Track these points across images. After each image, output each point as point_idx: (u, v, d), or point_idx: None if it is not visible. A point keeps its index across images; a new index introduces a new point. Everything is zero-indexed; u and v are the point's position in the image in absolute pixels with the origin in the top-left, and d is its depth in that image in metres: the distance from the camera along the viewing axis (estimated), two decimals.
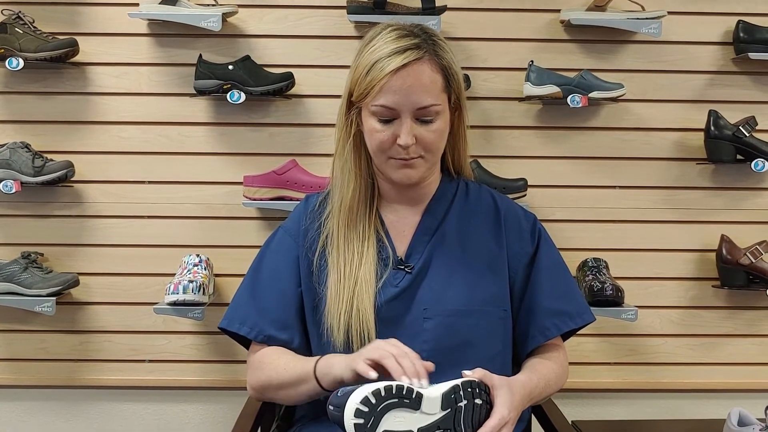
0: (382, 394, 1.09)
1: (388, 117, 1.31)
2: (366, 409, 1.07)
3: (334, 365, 1.24)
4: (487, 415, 1.17)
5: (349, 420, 1.07)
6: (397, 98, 1.29)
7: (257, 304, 1.41)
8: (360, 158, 1.38)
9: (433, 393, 1.13)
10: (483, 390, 1.18)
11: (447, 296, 1.36)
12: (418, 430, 1.11)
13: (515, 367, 1.44)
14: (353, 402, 1.07)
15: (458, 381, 1.16)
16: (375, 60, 1.29)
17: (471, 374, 1.19)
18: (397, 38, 1.31)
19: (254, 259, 1.48)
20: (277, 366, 1.35)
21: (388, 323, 1.34)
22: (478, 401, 1.16)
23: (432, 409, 1.12)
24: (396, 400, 1.09)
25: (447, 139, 1.38)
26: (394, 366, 1.15)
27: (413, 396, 1.11)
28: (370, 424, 1.07)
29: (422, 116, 1.31)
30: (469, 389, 1.16)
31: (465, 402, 1.14)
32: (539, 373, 1.34)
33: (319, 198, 1.46)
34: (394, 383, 1.10)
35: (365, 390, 1.09)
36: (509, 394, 1.19)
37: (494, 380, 1.19)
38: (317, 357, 1.30)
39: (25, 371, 2.17)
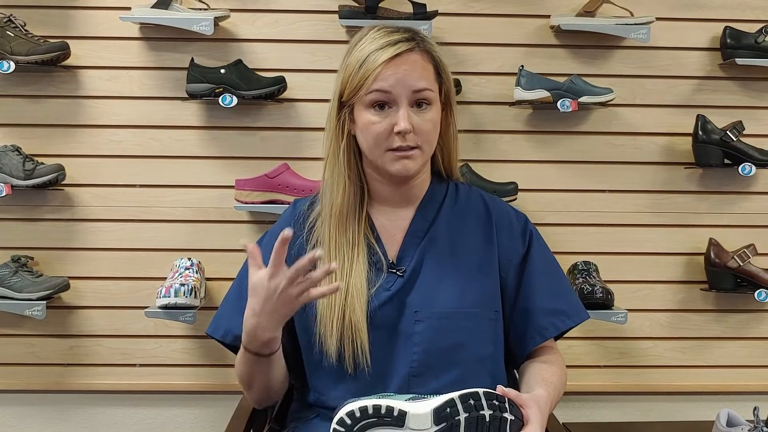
0: (357, 414, 1.11)
1: (384, 100, 1.30)
2: (342, 429, 1.12)
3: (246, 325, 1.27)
4: (503, 427, 1.13)
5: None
6: (392, 82, 1.29)
7: (242, 312, 1.40)
8: (350, 162, 1.37)
9: (421, 409, 1.12)
10: (495, 402, 1.14)
11: (438, 299, 1.35)
12: None
13: (508, 368, 1.44)
14: (338, 416, 1.13)
15: (455, 394, 1.14)
16: (367, 54, 1.30)
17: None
18: (387, 34, 1.33)
19: (242, 264, 1.47)
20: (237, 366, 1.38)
21: (380, 327, 1.34)
22: (485, 413, 1.12)
23: (421, 425, 1.12)
24: (375, 419, 1.11)
25: (437, 140, 1.38)
26: (317, 292, 1.19)
27: (395, 414, 1.11)
28: None
29: (418, 99, 1.31)
30: (471, 401, 1.13)
31: (466, 415, 1.12)
32: (552, 384, 1.32)
33: (308, 202, 1.45)
34: (370, 403, 1.12)
35: (351, 406, 1.12)
36: (539, 409, 1.18)
37: (522, 397, 1.18)
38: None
39: (14, 376, 2.15)
